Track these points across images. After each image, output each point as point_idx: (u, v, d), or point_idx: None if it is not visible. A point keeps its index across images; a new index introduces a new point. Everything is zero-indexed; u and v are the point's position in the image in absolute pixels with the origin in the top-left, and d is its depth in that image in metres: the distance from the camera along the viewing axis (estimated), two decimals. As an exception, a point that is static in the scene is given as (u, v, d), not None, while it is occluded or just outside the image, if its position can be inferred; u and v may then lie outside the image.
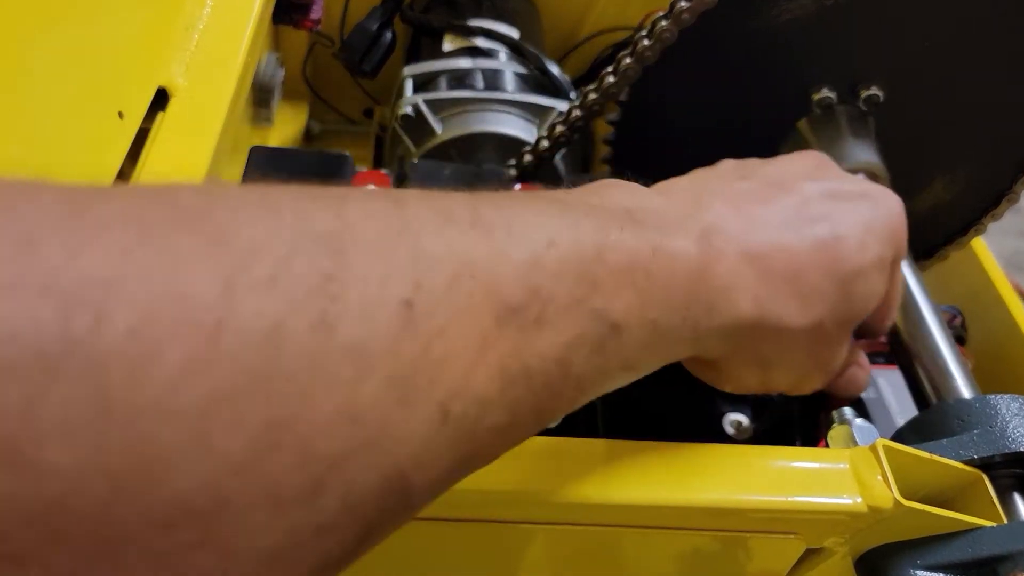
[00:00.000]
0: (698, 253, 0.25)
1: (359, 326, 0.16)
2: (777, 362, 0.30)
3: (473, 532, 0.30)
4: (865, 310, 0.30)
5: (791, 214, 0.29)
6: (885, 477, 0.30)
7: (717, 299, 0.26)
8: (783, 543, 0.31)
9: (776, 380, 0.31)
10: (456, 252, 0.19)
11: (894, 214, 0.31)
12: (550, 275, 0.20)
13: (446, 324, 0.18)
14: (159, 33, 0.41)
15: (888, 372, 0.44)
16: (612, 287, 0.22)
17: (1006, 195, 0.49)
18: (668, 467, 0.30)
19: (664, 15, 0.41)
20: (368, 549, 0.19)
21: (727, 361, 0.29)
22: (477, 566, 0.33)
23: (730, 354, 0.28)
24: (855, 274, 0.29)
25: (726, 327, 0.26)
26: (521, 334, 0.19)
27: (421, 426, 0.17)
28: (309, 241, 0.16)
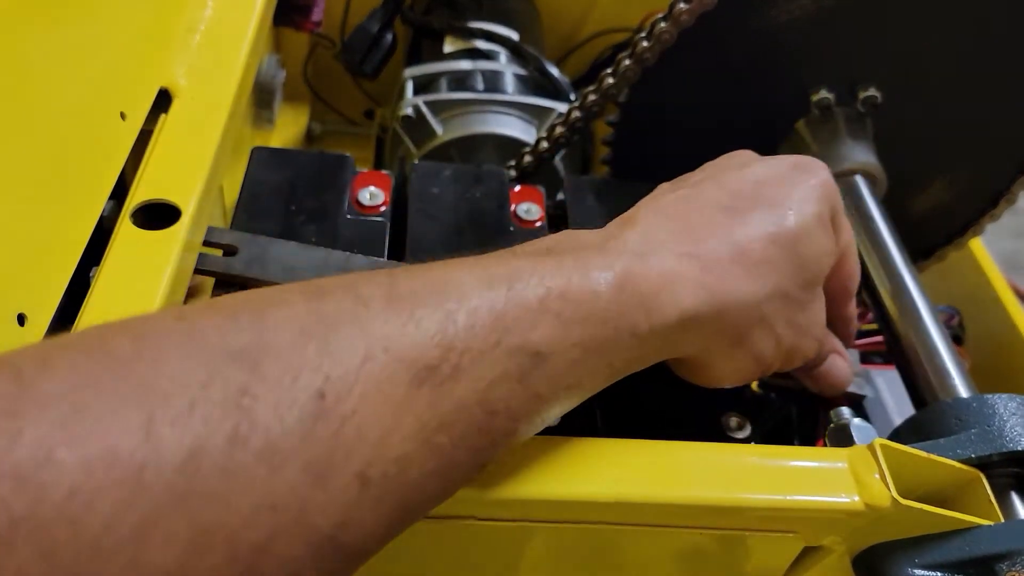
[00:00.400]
0: (621, 267, 0.27)
1: (272, 429, 0.19)
2: (755, 339, 0.30)
3: (473, 532, 0.30)
4: (821, 268, 0.32)
5: (724, 201, 0.31)
6: (883, 476, 0.30)
7: (651, 302, 0.26)
8: (781, 541, 0.31)
9: (764, 358, 0.31)
10: (368, 333, 0.21)
11: (821, 174, 0.33)
12: (462, 329, 0.22)
13: (359, 403, 0.20)
14: (161, 34, 0.41)
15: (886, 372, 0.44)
16: (528, 322, 0.24)
17: (1004, 196, 0.49)
18: (667, 466, 0.30)
19: (663, 16, 0.42)
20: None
21: (707, 354, 0.30)
22: (477, 566, 0.33)
23: (705, 347, 0.30)
24: (798, 236, 0.30)
25: (675, 322, 0.27)
26: (438, 389, 0.21)
27: (340, 496, 0.19)
28: (226, 362, 0.19)
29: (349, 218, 0.42)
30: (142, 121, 0.37)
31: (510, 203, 0.44)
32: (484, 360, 0.22)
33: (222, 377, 0.19)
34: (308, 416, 0.19)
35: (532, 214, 0.44)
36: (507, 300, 0.24)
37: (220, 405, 0.18)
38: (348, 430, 0.20)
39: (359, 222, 0.42)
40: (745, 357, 0.31)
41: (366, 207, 0.43)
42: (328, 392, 0.20)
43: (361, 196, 0.43)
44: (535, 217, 0.44)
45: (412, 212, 0.43)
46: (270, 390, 0.19)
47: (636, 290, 0.26)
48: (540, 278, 0.25)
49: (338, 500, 0.19)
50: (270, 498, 0.18)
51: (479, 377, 0.22)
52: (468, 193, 0.44)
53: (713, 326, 0.29)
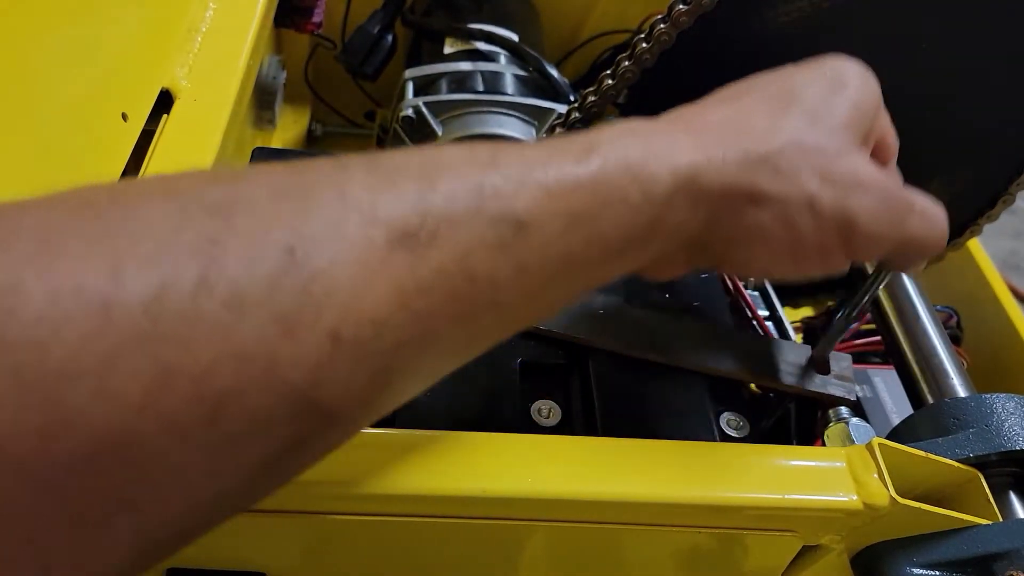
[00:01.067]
0: (608, 138, 0.25)
1: (239, 278, 0.19)
2: (777, 201, 0.26)
3: (472, 531, 0.30)
4: (848, 108, 0.28)
5: (731, 92, 0.30)
6: (881, 475, 0.30)
7: (640, 168, 0.25)
8: (780, 540, 0.32)
9: (800, 226, 0.27)
10: (345, 196, 0.21)
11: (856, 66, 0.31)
12: (442, 196, 0.22)
13: (330, 261, 0.20)
14: (162, 35, 0.41)
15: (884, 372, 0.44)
16: (510, 191, 0.23)
17: (1002, 197, 0.49)
18: (666, 465, 0.30)
19: (662, 18, 0.42)
20: (311, 458, 0.23)
21: (727, 231, 0.27)
22: (477, 565, 0.34)
23: (719, 220, 0.26)
24: (806, 81, 0.29)
25: (670, 187, 0.25)
26: (415, 255, 0.21)
27: (313, 352, 0.20)
28: (199, 212, 0.20)
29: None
30: (143, 122, 0.38)
31: (510, 204, 0.45)
32: (463, 227, 0.22)
33: (193, 225, 0.19)
34: (276, 269, 0.19)
35: (532, 215, 0.44)
36: (489, 170, 0.23)
37: (189, 251, 0.19)
38: (317, 287, 0.20)
39: (359, 222, 0.42)
40: (775, 226, 0.27)
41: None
42: (298, 248, 0.20)
43: (361, 197, 0.43)
44: (535, 218, 0.44)
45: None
46: (240, 241, 0.19)
47: (623, 156, 0.25)
48: (523, 152, 0.24)
49: (310, 356, 0.20)
50: (236, 346, 0.19)
51: (458, 243, 0.22)
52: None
53: (717, 189, 0.26)
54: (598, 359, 0.38)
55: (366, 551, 0.32)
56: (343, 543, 0.31)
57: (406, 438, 0.30)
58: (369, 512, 0.29)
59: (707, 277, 0.43)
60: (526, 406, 0.36)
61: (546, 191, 0.24)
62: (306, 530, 0.30)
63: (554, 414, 0.36)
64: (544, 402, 0.37)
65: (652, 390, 0.37)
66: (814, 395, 0.39)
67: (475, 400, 0.35)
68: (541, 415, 0.36)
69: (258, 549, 0.31)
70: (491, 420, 0.35)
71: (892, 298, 0.40)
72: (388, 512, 0.29)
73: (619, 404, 0.36)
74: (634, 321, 0.39)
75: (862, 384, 0.44)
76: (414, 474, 0.28)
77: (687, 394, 0.37)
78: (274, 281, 0.19)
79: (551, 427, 0.36)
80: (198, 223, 0.19)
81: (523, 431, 0.35)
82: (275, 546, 0.31)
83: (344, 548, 0.32)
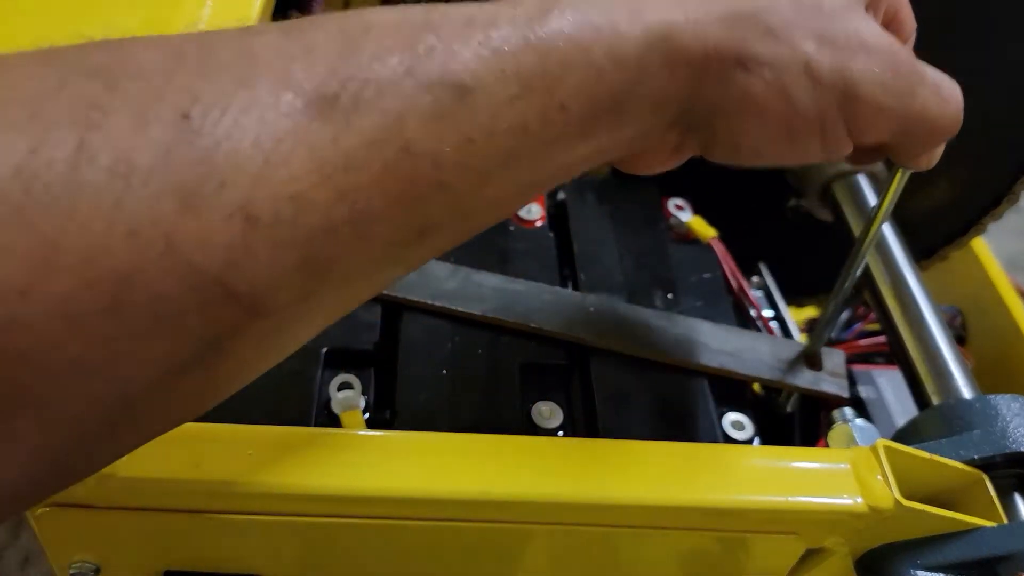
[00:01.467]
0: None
1: (125, 145, 0.17)
2: (768, 64, 0.23)
3: (472, 534, 0.30)
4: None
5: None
6: (885, 477, 0.30)
7: (606, 24, 0.22)
8: (783, 543, 0.31)
9: (798, 95, 0.24)
10: (252, 58, 0.19)
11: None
12: (366, 56, 0.20)
13: (233, 129, 0.18)
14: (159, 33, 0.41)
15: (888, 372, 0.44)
16: (447, 50, 0.20)
17: (1006, 195, 0.49)
18: (668, 467, 0.30)
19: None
20: (240, 362, 0.20)
21: (714, 102, 0.24)
22: (477, 568, 0.33)
23: (701, 90, 0.23)
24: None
25: (641, 45, 0.22)
26: (337, 123, 0.19)
27: (221, 231, 0.18)
28: (80, 75, 0.18)
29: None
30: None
31: (510, 203, 0.44)
32: (391, 92, 0.19)
33: (73, 89, 0.17)
34: (169, 136, 0.17)
35: (532, 213, 0.44)
36: (421, 27, 0.20)
37: (67, 115, 0.17)
38: (219, 157, 0.17)
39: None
40: (768, 94, 0.23)
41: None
42: (195, 114, 0.18)
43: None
44: (535, 216, 0.44)
45: (412, 212, 0.43)
46: (127, 106, 0.17)
47: (586, 12, 0.22)
48: (465, 11, 0.21)
49: (218, 235, 0.17)
50: (128, 221, 0.17)
51: (386, 110, 0.19)
52: (468, 193, 0.44)
53: (698, 50, 0.23)
54: (598, 360, 0.38)
55: (364, 554, 0.32)
56: (341, 546, 0.31)
57: (405, 440, 0.30)
58: (368, 515, 0.29)
59: (709, 277, 0.43)
60: (526, 407, 0.36)
61: (493, 50, 0.20)
62: (303, 533, 0.30)
63: (555, 415, 0.36)
64: (545, 403, 0.36)
65: (653, 391, 0.37)
66: (805, 392, 0.38)
67: (475, 401, 0.35)
68: (542, 416, 0.36)
69: (255, 552, 0.31)
70: (491, 422, 0.35)
71: (896, 298, 0.40)
72: (386, 515, 0.29)
73: (620, 405, 0.36)
74: (628, 319, 0.39)
75: (866, 385, 0.44)
76: (414, 476, 0.28)
77: (689, 395, 0.37)
78: (167, 149, 0.17)
79: (552, 428, 0.36)
80: (77, 87, 0.17)
81: (523, 433, 0.35)
82: (272, 549, 0.31)
83: (342, 551, 0.32)
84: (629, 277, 0.42)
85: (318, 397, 0.35)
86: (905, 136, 0.26)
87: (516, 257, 0.42)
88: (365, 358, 0.37)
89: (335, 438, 0.29)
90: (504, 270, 0.41)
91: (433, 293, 0.38)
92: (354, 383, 0.36)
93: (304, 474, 0.28)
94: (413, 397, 0.35)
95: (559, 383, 0.38)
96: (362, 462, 0.28)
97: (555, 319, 0.38)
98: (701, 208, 0.46)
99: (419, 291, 0.37)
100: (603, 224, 0.44)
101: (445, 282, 0.38)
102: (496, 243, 0.42)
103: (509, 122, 0.21)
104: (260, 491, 0.27)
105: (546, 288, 0.39)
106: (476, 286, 0.38)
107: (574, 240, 0.43)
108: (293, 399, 0.34)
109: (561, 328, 0.38)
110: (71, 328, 0.16)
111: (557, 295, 0.39)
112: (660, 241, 0.44)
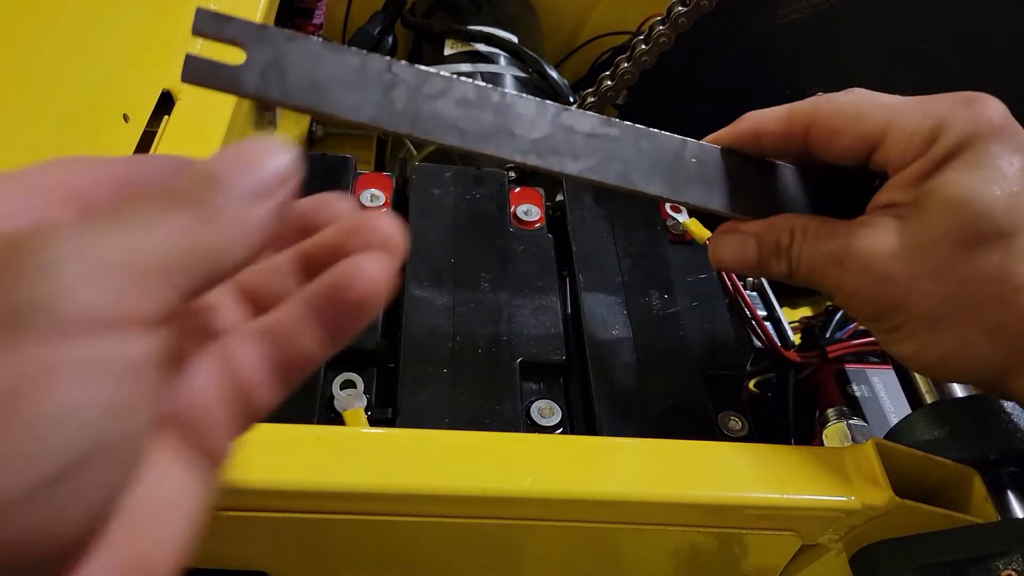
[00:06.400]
0: None
1: None
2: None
3: (472, 531, 0.31)
4: None
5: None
6: (879, 475, 0.30)
7: None
8: (778, 540, 0.32)
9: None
10: None
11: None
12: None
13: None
14: (163, 37, 0.41)
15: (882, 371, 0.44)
16: None
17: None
18: (665, 464, 0.30)
19: (661, 20, 0.42)
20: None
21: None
22: (477, 565, 0.34)
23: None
24: None
25: None
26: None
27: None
28: None
29: (350, 219, 0.42)
30: (145, 123, 0.38)
31: (510, 204, 0.45)
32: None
33: None
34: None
35: (532, 215, 0.44)
36: None
37: None
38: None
39: (360, 223, 0.42)
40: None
41: (368, 208, 0.43)
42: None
43: (363, 198, 0.43)
44: (535, 218, 0.44)
45: (413, 213, 0.43)
46: None
47: None
48: None
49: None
50: None
51: None
52: (468, 194, 0.45)
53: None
54: (598, 359, 0.38)
55: (367, 551, 0.32)
56: (344, 542, 0.31)
57: (406, 438, 0.30)
58: (370, 512, 0.29)
59: (706, 277, 0.43)
60: (526, 406, 0.36)
61: None
62: (307, 529, 0.30)
63: (554, 414, 0.36)
64: (544, 401, 0.37)
65: (651, 389, 0.37)
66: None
67: (475, 400, 0.36)
68: (541, 414, 0.36)
69: (259, 548, 0.31)
70: (491, 420, 0.35)
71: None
72: (388, 512, 0.29)
73: (618, 403, 0.36)
74: (734, 172, 0.33)
75: (860, 384, 0.45)
76: (414, 474, 0.29)
77: (686, 393, 0.37)
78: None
79: (551, 426, 0.36)
80: None
81: (523, 430, 0.35)
82: (276, 545, 0.31)
83: (345, 548, 0.32)
84: (626, 277, 0.42)
85: (321, 395, 0.35)
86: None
87: (515, 258, 0.42)
88: (367, 357, 0.37)
89: (338, 436, 0.30)
90: (503, 271, 0.41)
91: (521, 146, 0.31)
92: (356, 381, 0.36)
93: (307, 471, 0.28)
94: (414, 395, 0.35)
95: (558, 381, 0.38)
96: (364, 459, 0.29)
97: (657, 178, 0.32)
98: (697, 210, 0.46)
99: (503, 141, 0.30)
100: (601, 225, 0.45)
101: (532, 128, 0.31)
102: (496, 244, 0.42)
103: None
104: (264, 488, 0.28)
105: (643, 132, 0.33)
106: (568, 132, 0.31)
107: (573, 241, 0.43)
108: (296, 397, 0.34)
109: (664, 189, 0.32)
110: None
111: (655, 140, 0.33)
112: (657, 242, 0.44)
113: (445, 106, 0.29)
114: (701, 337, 0.40)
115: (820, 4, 0.42)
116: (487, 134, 0.30)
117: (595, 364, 0.38)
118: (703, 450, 0.32)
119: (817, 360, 0.45)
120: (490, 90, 0.30)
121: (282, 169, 0.18)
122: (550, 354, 0.38)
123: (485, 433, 0.31)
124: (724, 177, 0.33)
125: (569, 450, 0.30)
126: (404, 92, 0.28)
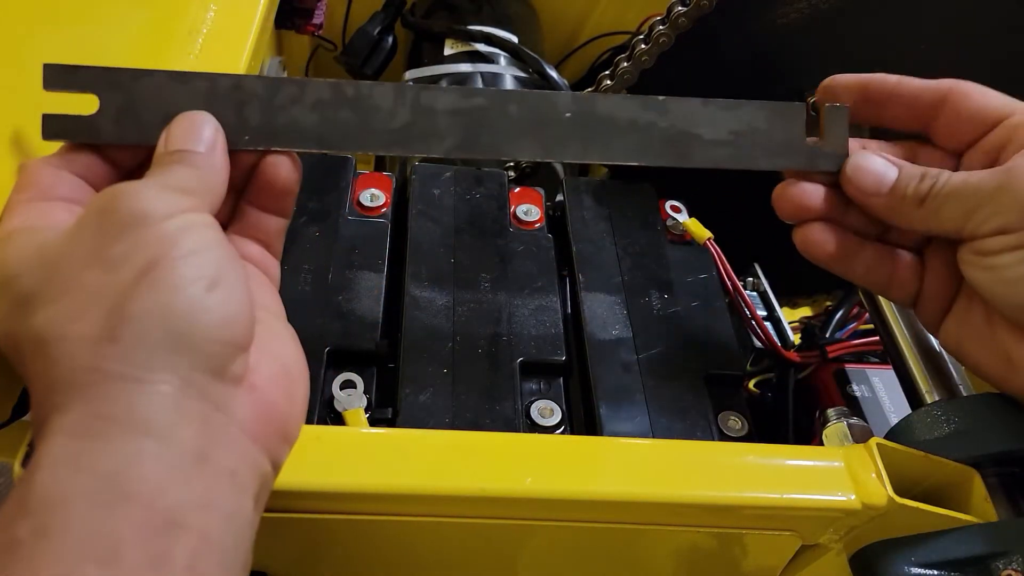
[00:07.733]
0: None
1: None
2: None
3: (472, 531, 0.31)
4: None
5: None
6: (879, 475, 0.30)
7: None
8: (778, 539, 0.32)
9: None
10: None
11: None
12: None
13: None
14: (163, 37, 0.41)
15: (882, 371, 0.44)
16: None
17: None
18: (664, 464, 0.30)
19: (661, 20, 0.42)
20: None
21: None
22: (477, 565, 0.34)
23: None
24: None
25: None
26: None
27: None
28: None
29: (350, 219, 0.42)
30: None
31: (510, 204, 0.45)
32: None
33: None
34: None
35: (531, 215, 0.44)
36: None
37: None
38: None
39: (360, 223, 0.42)
40: None
41: (367, 208, 0.43)
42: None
43: (362, 198, 0.43)
44: (534, 218, 0.44)
45: (413, 213, 0.43)
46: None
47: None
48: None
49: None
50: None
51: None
52: (468, 195, 0.45)
53: None
54: (598, 358, 0.38)
55: (367, 551, 0.32)
56: (344, 542, 0.31)
57: (406, 438, 0.30)
58: (370, 512, 0.29)
59: (706, 277, 0.43)
60: (526, 405, 0.36)
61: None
62: (306, 529, 0.30)
63: (554, 413, 0.36)
64: (544, 401, 0.37)
65: (651, 389, 0.37)
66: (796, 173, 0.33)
67: (475, 400, 0.36)
68: (541, 414, 0.36)
69: (259, 548, 0.31)
70: (491, 420, 0.35)
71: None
72: (389, 512, 0.29)
73: (618, 403, 0.36)
74: (610, 120, 0.32)
75: (860, 384, 0.45)
76: (414, 474, 0.29)
77: (686, 394, 0.37)
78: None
79: (551, 426, 0.36)
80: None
81: (523, 430, 0.35)
82: (276, 545, 0.31)
83: (344, 547, 0.32)
84: (626, 277, 0.42)
85: (321, 395, 0.35)
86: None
87: (515, 258, 0.42)
88: (367, 357, 0.37)
89: (338, 436, 0.30)
90: (503, 271, 0.41)
91: (382, 139, 0.30)
92: (357, 382, 0.36)
93: (307, 471, 0.28)
94: (414, 395, 0.35)
95: (558, 382, 0.38)
96: (364, 460, 0.29)
97: (528, 141, 0.31)
98: (697, 210, 0.46)
99: (363, 138, 0.30)
100: (601, 225, 0.45)
101: (391, 118, 0.30)
102: (496, 244, 0.42)
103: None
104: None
105: (512, 95, 0.32)
106: (429, 114, 0.30)
107: (572, 241, 0.43)
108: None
109: (536, 152, 0.32)
110: None
111: (525, 102, 0.31)
112: (657, 242, 0.44)
113: (300, 112, 0.29)
114: (701, 337, 0.40)
115: (820, 4, 0.42)
116: (347, 134, 0.30)
117: (595, 364, 0.38)
118: (703, 450, 0.32)
119: (817, 360, 0.45)
120: (344, 84, 0.30)
121: (212, 129, 0.27)
122: (550, 354, 0.38)
123: (485, 433, 0.31)
124: (604, 126, 0.32)
125: (569, 450, 0.30)
126: (257, 107, 0.29)
